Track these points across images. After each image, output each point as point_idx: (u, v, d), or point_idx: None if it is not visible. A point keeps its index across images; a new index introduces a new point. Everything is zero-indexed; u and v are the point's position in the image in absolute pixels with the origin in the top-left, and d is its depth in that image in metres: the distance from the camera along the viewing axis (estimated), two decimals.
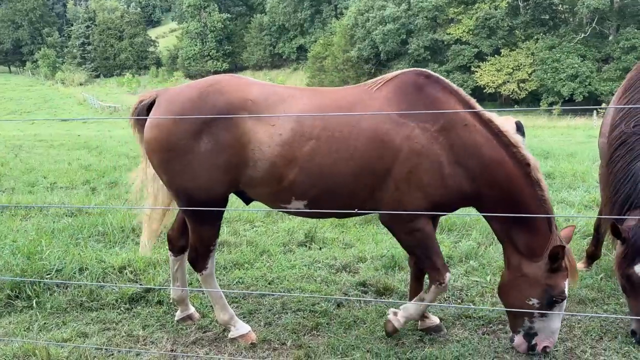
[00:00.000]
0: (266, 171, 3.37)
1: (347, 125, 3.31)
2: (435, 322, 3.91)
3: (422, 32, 52.75)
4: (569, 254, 3.32)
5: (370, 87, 3.51)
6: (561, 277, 3.29)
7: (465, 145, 3.28)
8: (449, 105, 3.34)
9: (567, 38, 48.26)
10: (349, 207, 3.47)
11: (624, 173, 3.84)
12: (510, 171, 3.30)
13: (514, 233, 3.38)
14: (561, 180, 10.22)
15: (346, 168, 3.31)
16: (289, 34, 71.25)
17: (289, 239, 5.95)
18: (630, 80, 4.37)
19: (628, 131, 3.96)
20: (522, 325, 3.42)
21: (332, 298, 4.44)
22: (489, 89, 50.14)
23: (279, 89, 3.60)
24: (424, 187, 3.27)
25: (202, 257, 3.70)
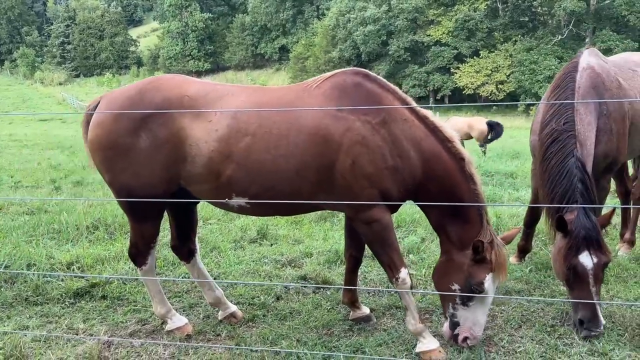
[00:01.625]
0: (204, 167, 3.46)
1: (285, 122, 3.39)
2: (365, 313, 4.08)
3: (402, 34, 53.20)
4: (498, 250, 3.42)
5: (310, 85, 3.61)
6: (483, 269, 3.41)
7: (406, 138, 3.39)
8: (387, 100, 3.46)
9: (544, 40, 49.08)
10: (293, 205, 3.55)
11: (559, 169, 3.99)
12: (447, 165, 3.44)
13: (447, 224, 3.53)
14: (522, 180, 10.51)
15: (287, 164, 3.37)
16: (271, 34, 71.37)
17: (242, 235, 6.10)
18: (558, 79, 4.56)
19: (559, 128, 4.12)
20: (448, 310, 3.56)
21: (272, 291, 4.60)
22: (468, 90, 50.77)
23: (218, 87, 3.70)
24: (368, 176, 3.33)
25: (142, 254, 3.81)
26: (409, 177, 3.41)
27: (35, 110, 50.84)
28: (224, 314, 4.15)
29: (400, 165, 3.37)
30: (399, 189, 3.42)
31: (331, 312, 4.24)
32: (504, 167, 12.39)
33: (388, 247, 3.53)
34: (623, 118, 4.37)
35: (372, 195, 3.39)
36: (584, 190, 3.85)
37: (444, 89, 52.68)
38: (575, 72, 4.37)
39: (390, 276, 3.58)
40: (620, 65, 4.81)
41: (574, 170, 3.90)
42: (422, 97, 55.19)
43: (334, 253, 5.36)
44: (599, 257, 3.65)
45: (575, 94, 4.25)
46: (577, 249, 3.68)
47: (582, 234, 3.66)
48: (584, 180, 3.87)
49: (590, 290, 3.67)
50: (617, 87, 4.44)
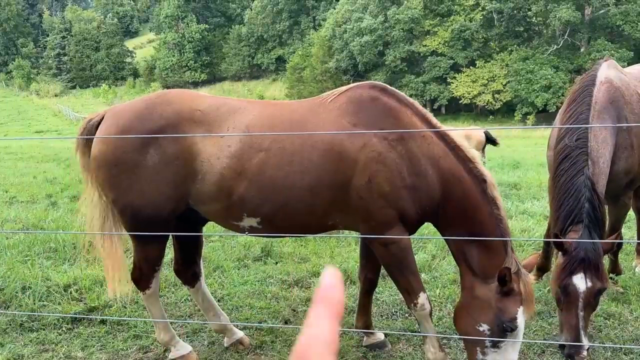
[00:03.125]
0: (215, 184, 3.27)
1: (299, 138, 3.23)
2: (380, 339, 3.88)
3: (398, 44, 53.31)
4: (525, 280, 3.12)
5: (325, 100, 3.46)
6: (513, 302, 3.04)
7: (424, 156, 3.21)
8: (405, 115, 3.29)
9: (540, 50, 49.25)
10: (308, 223, 3.37)
11: (567, 187, 3.85)
12: (467, 186, 3.21)
13: (467, 252, 3.24)
14: (526, 191, 10.33)
15: (301, 182, 3.20)
16: (268, 45, 71.46)
17: (245, 253, 5.88)
18: (574, 93, 4.42)
19: (571, 145, 3.99)
20: (477, 357, 3.12)
21: (279, 314, 4.39)
22: (464, 99, 50.83)
23: (230, 101, 3.54)
24: (386, 194, 3.16)
25: (147, 277, 3.61)
26: (426, 197, 3.21)
27: (31, 123, 50.59)
28: (230, 341, 3.93)
29: (417, 184, 3.18)
30: (417, 210, 3.23)
31: (343, 337, 4.03)
32: (506, 177, 12.22)
33: (406, 270, 3.34)
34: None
35: (389, 215, 3.21)
36: (591, 210, 3.68)
37: (440, 99, 52.71)
38: (593, 85, 4.20)
39: (408, 301, 3.39)
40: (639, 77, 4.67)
41: (582, 189, 3.74)
42: None
43: (342, 272, 5.13)
44: (593, 282, 3.43)
45: (591, 109, 4.08)
46: (572, 270, 3.50)
47: (580, 255, 3.48)
48: (592, 200, 3.70)
49: (578, 314, 3.45)
50: (638, 101, 4.29)
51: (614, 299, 4.49)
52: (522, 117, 46.75)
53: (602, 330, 4.12)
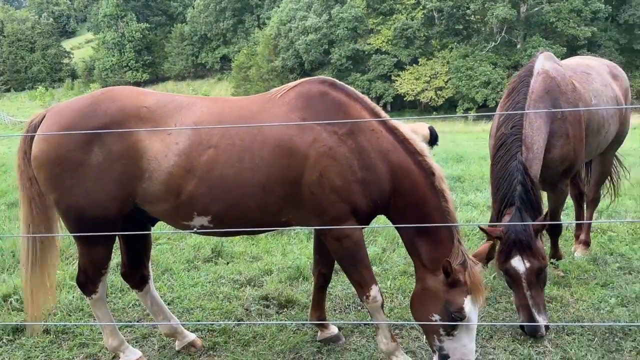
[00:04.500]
0: (163, 183, 3.19)
1: (249, 134, 3.19)
2: (333, 332, 3.90)
3: (343, 42, 53.77)
4: (471, 270, 3.15)
5: (274, 95, 3.43)
6: (459, 293, 3.10)
7: (374, 150, 3.23)
8: (354, 110, 3.31)
9: (479, 47, 50.86)
10: (260, 220, 3.32)
11: (502, 172, 4.02)
12: (416, 179, 3.25)
13: (418, 245, 3.30)
14: (470, 183, 10.63)
15: (252, 179, 3.17)
16: (212, 44, 70.42)
17: (195, 255, 5.77)
18: (513, 84, 4.58)
19: (507, 132, 4.16)
20: (434, 344, 3.21)
21: (232, 314, 4.33)
22: (409, 96, 51.88)
23: (177, 97, 3.46)
24: (337, 189, 3.16)
25: (93, 281, 3.47)
26: (377, 190, 3.25)
27: None
28: (181, 344, 3.85)
29: (368, 177, 3.21)
30: (368, 203, 3.26)
31: (297, 333, 4.03)
32: (451, 171, 12.52)
33: (359, 263, 3.37)
34: (579, 121, 4.41)
35: (342, 210, 3.23)
36: (523, 192, 3.84)
37: (386, 96, 53.55)
38: (530, 76, 4.39)
39: (360, 294, 3.42)
40: (574, 69, 4.89)
41: (514, 173, 3.92)
42: None
43: (295, 269, 5.14)
44: (531, 262, 3.59)
45: (527, 98, 4.27)
46: (508, 254, 3.68)
47: (512, 238, 3.65)
48: (524, 182, 3.86)
49: (525, 294, 3.64)
50: (572, 90, 4.49)
51: (556, 283, 4.68)
52: (464, 113, 48.12)
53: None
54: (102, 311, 3.57)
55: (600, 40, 48.97)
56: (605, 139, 5.03)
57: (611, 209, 7.49)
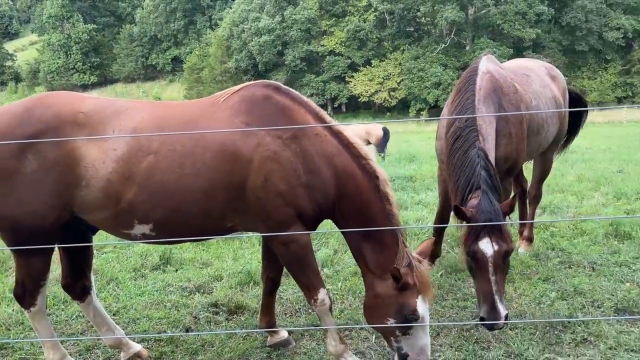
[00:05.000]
0: (101, 191, 3.08)
1: (190, 139, 3.12)
2: (283, 337, 3.87)
3: (297, 44, 53.82)
4: (418, 270, 3.18)
5: (217, 99, 3.38)
6: (410, 295, 3.13)
7: (318, 154, 3.22)
8: (298, 114, 3.29)
9: (429, 49, 51.93)
10: (205, 227, 3.26)
11: (462, 160, 4.00)
12: (360, 183, 3.26)
13: (363, 249, 3.31)
14: (421, 183, 10.82)
15: (194, 185, 3.10)
16: (162, 45, 69.06)
17: (142, 263, 5.62)
18: (460, 83, 4.60)
19: (462, 125, 4.17)
20: (392, 345, 3.27)
21: (180, 323, 4.24)
22: (363, 97, 52.45)
23: (117, 102, 3.35)
24: (282, 193, 3.14)
25: (31, 294, 3.31)
26: (321, 194, 3.24)
27: None
28: (127, 355, 3.73)
29: (313, 182, 3.20)
30: (314, 207, 3.25)
31: (247, 339, 3.98)
32: (403, 171, 12.72)
33: (306, 267, 3.36)
34: (521, 122, 4.54)
35: (287, 214, 3.21)
36: (487, 177, 3.83)
37: (340, 97, 53.96)
38: (476, 75, 4.45)
39: (308, 297, 3.41)
40: (515, 71, 5.03)
41: (476, 159, 3.92)
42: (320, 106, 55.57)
43: (245, 274, 5.08)
44: (499, 245, 3.51)
45: (476, 94, 4.31)
46: (477, 235, 3.56)
47: (482, 218, 3.58)
48: (487, 168, 3.87)
49: (490, 279, 3.50)
50: (514, 92, 4.61)
51: None
52: (416, 113, 49.03)
53: None
54: (41, 324, 3.42)
55: (545, 41, 50.88)
56: (545, 139, 5.21)
57: (554, 205, 7.79)
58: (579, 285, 4.49)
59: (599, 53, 51.83)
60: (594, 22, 49.57)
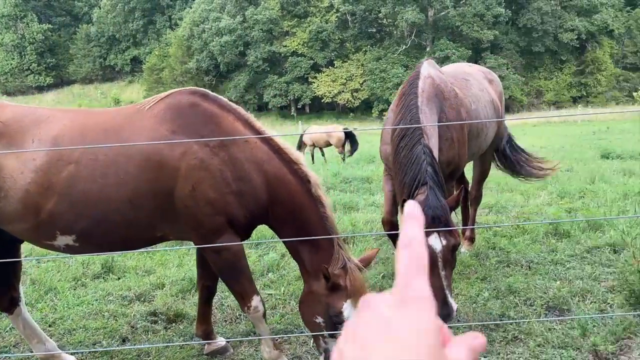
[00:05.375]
0: (20, 202, 3.00)
1: (114, 148, 3.06)
2: (220, 345, 3.84)
3: (259, 44, 53.60)
4: (353, 274, 3.18)
5: (143, 107, 3.32)
6: (338, 297, 3.14)
7: (248, 160, 3.21)
8: (227, 121, 3.26)
9: (391, 50, 52.57)
10: (132, 237, 3.22)
11: (408, 157, 3.98)
12: (292, 188, 3.27)
13: (300, 250, 3.33)
14: (377, 184, 10.91)
15: (117, 194, 3.04)
16: (121, 45, 67.66)
17: (83, 272, 5.49)
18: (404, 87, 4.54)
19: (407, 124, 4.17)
20: (320, 346, 3.27)
21: (117, 333, 4.16)
22: (326, 98, 52.64)
23: (37, 110, 3.27)
24: (212, 202, 3.11)
25: None
26: (253, 201, 3.23)
27: None
28: None
29: (243, 189, 3.19)
30: (245, 214, 3.24)
31: (184, 348, 3.93)
32: (361, 172, 12.81)
33: (239, 275, 3.35)
34: (462, 126, 4.62)
35: (218, 222, 3.19)
36: (433, 173, 3.83)
37: (304, 98, 54.01)
38: (419, 79, 4.48)
39: (242, 305, 3.40)
40: (454, 75, 5.12)
41: (422, 156, 3.91)
42: (284, 107, 56.15)
43: (188, 281, 5.03)
44: (447, 240, 3.53)
45: (419, 96, 4.32)
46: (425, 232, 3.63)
47: (429, 214, 3.56)
48: (432, 164, 3.87)
49: (440, 274, 3.48)
50: (455, 97, 4.69)
51: None
52: (379, 114, 49.51)
53: None
54: None
55: (502, 42, 52.17)
56: (485, 142, 5.33)
57: (500, 205, 7.99)
58: (514, 284, 4.61)
59: (554, 54, 53.48)
60: (549, 23, 51.12)
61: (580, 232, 6.17)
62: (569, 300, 4.31)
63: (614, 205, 7.44)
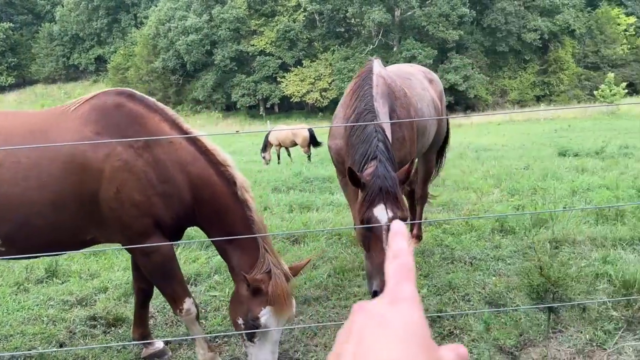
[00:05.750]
0: None
1: (36, 150, 3.01)
2: (158, 348, 3.82)
3: (226, 43, 53.20)
4: (276, 281, 3.12)
5: (67, 108, 3.28)
6: (258, 303, 3.10)
7: (172, 162, 3.19)
8: (152, 122, 3.24)
9: (358, 49, 52.82)
10: (59, 240, 3.17)
11: (360, 137, 3.91)
12: (217, 190, 3.25)
13: (228, 252, 3.32)
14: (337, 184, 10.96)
15: (40, 197, 3.00)
16: (85, 44, 66.20)
17: (26, 276, 5.38)
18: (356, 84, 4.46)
19: (361, 110, 4.13)
20: (246, 347, 3.25)
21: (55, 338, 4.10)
22: (295, 98, 52.60)
23: None
24: (137, 204, 3.09)
25: None
26: (178, 203, 3.22)
27: None
28: None
29: (168, 190, 3.18)
30: (172, 216, 3.23)
31: (121, 352, 3.90)
32: (323, 172, 12.84)
33: (169, 278, 3.33)
34: (412, 125, 4.69)
35: (145, 224, 3.17)
36: (385, 149, 3.74)
37: (272, 98, 53.86)
38: (372, 74, 4.46)
39: (174, 308, 3.39)
40: (399, 75, 5.16)
41: (373, 134, 3.82)
42: (252, 106, 55.87)
43: (132, 285, 4.96)
44: (394, 212, 3.41)
45: (373, 89, 4.28)
46: (372, 201, 3.42)
47: (377, 184, 3.46)
48: (384, 141, 3.80)
49: (384, 248, 3.32)
50: (404, 96, 4.75)
51: None
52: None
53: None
54: None
55: (467, 42, 53.00)
56: (427, 140, 5.42)
57: (453, 203, 8.13)
58: (454, 280, 4.71)
59: (518, 54, 54.59)
60: (513, 23, 52.12)
61: (525, 229, 6.34)
62: (504, 295, 4.43)
63: (561, 202, 7.67)
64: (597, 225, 6.32)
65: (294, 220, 7.22)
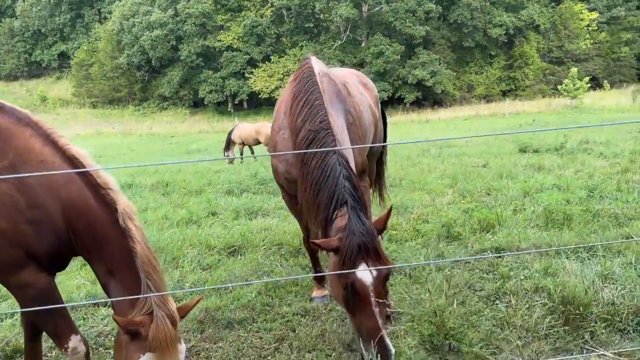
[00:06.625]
0: None
1: None
2: None
3: (192, 39, 52.22)
4: (158, 324, 2.75)
5: None
6: (136, 349, 2.75)
7: (42, 185, 2.83)
8: (21, 137, 2.87)
9: (327, 45, 52.47)
10: None
11: (322, 169, 3.45)
12: (93, 217, 2.88)
13: (109, 287, 2.94)
14: None
15: None
16: (47, 40, 64.24)
17: None
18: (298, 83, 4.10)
19: (315, 128, 3.68)
20: None
21: None
22: (263, 94, 51.91)
23: None
24: (4, 232, 2.74)
25: None
26: (50, 231, 2.86)
27: None
28: None
29: (39, 217, 2.81)
30: (46, 246, 2.86)
31: None
32: None
33: (50, 313, 2.96)
34: (362, 123, 4.43)
35: (15, 256, 2.80)
36: (351, 188, 3.33)
37: (240, 94, 53.13)
38: (314, 75, 4.06)
39: (59, 346, 3.04)
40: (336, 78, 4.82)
41: (337, 167, 3.41)
42: (220, 103, 55.03)
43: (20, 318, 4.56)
44: (379, 271, 3.06)
45: (322, 95, 3.88)
46: (353, 263, 3.04)
47: (355, 241, 3.07)
48: (349, 177, 3.40)
49: (374, 312, 3.01)
50: (349, 95, 4.46)
51: None
52: None
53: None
54: None
55: (434, 38, 53.14)
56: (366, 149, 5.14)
57: (404, 206, 7.89)
58: None
59: (484, 49, 54.99)
60: (478, 19, 52.44)
61: (471, 234, 6.14)
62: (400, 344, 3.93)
63: (511, 204, 7.50)
64: (546, 229, 6.16)
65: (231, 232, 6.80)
